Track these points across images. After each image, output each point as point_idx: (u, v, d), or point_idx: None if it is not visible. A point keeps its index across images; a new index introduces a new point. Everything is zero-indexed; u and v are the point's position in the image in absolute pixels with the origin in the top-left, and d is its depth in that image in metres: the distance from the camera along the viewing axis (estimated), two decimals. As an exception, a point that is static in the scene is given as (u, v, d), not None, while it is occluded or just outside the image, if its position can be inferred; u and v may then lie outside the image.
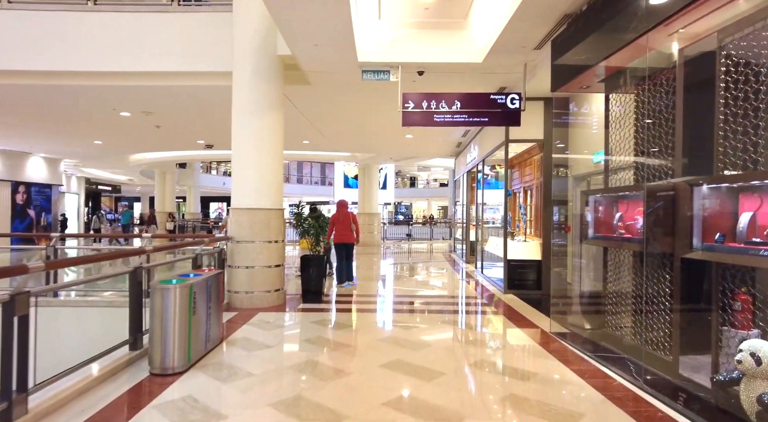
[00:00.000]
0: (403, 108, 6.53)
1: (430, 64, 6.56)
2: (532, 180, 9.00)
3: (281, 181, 7.03)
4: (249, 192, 6.67)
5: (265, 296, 6.63)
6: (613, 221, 4.68)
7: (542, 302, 7.21)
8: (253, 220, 6.61)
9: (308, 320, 5.84)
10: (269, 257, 6.70)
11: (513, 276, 7.96)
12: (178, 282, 3.94)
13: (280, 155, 7.01)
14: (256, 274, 6.61)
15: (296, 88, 7.86)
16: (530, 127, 7.90)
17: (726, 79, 3.30)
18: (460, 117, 6.55)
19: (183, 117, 10.42)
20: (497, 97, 6.55)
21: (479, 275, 10.19)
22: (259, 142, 6.70)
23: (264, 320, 5.80)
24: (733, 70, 3.25)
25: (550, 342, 4.93)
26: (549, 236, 7.85)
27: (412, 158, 18.65)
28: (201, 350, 4.22)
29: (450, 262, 13.31)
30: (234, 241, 6.63)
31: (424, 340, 4.91)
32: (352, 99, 8.62)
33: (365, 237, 18.65)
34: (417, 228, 28.24)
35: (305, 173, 43.17)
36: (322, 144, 13.97)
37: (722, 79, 3.33)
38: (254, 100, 6.66)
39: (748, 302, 3.61)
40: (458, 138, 12.79)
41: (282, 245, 6.99)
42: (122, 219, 20.66)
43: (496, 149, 8.67)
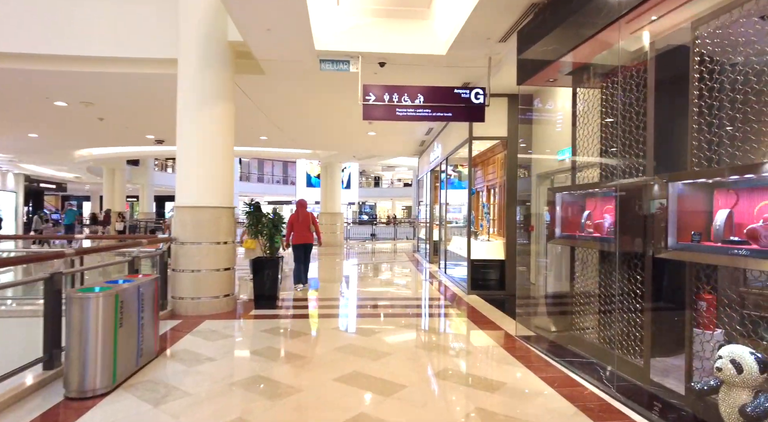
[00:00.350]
0: (363, 101, 6.17)
1: (392, 55, 6.23)
2: (496, 179, 8.85)
3: (231, 177, 6.52)
4: (195, 189, 6.13)
5: (213, 303, 6.11)
6: (580, 220, 4.50)
7: (506, 303, 7.02)
8: (199, 219, 6.07)
9: (259, 328, 5.38)
10: (217, 259, 6.18)
11: (476, 277, 7.76)
12: (102, 290, 3.42)
13: (231, 150, 6.50)
14: (203, 278, 6.08)
15: (250, 79, 7.36)
16: (494, 124, 7.73)
17: (701, 69, 3.13)
18: (423, 111, 6.26)
19: (128, 109, 9.65)
20: (461, 92, 6.30)
21: (443, 275, 9.97)
22: (207, 134, 6.17)
23: (210, 329, 5.30)
24: (708, 61, 3.08)
25: (516, 346, 4.69)
26: (513, 235, 7.69)
27: (376, 157, 18.33)
28: (131, 366, 3.71)
29: (413, 262, 13.06)
30: (178, 242, 6.07)
31: (385, 348, 4.57)
32: (310, 91, 8.18)
33: (328, 237, 18.19)
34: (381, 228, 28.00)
35: (266, 171, 42.08)
36: (281, 140, 13.41)
37: (696, 70, 3.15)
38: (201, 89, 6.12)
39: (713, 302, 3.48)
40: (422, 136, 12.56)
41: (232, 246, 6.49)
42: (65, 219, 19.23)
43: (460, 146, 8.46)
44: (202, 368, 3.96)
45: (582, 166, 5.98)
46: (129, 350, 3.67)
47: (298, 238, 7.82)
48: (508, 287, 7.68)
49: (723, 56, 2.99)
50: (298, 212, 7.92)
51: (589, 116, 4.82)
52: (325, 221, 18.35)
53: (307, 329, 5.42)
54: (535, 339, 4.98)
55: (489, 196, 9.53)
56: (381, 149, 15.30)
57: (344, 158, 18.00)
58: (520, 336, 5.06)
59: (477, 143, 8.14)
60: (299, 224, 7.83)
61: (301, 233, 7.82)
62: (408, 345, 4.73)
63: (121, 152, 17.56)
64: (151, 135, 13.02)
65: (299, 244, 7.85)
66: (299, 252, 7.90)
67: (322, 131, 11.85)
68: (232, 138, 6.50)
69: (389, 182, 46.49)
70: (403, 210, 46.32)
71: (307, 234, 7.86)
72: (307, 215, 7.96)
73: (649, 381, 3.53)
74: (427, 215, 13.49)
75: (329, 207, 18.36)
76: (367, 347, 4.57)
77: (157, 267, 5.99)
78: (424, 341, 5.00)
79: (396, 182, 46.26)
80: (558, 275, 5.51)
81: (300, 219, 7.84)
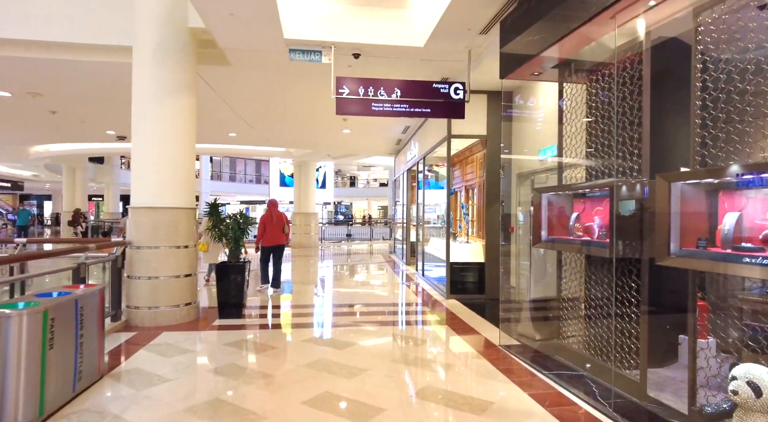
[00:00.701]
0: (336, 94, 5.77)
1: (367, 46, 5.84)
2: (474, 178, 8.58)
3: (192, 175, 6.01)
4: (152, 188, 5.60)
5: (173, 313, 5.60)
6: (568, 222, 4.22)
7: (486, 308, 6.75)
8: (156, 221, 5.56)
9: (223, 341, 4.92)
10: (177, 265, 5.67)
11: (455, 280, 7.46)
12: (28, 306, 2.92)
13: (192, 146, 5.99)
14: (161, 286, 5.56)
15: (214, 70, 6.85)
16: (473, 122, 7.45)
17: (704, 59, 2.86)
18: (400, 107, 5.90)
19: (83, 102, 8.97)
20: (440, 87, 5.97)
21: (420, 278, 9.65)
22: (166, 129, 5.65)
23: (167, 342, 4.80)
24: (713, 49, 2.82)
25: (500, 357, 4.38)
26: (493, 237, 7.42)
27: (351, 156, 17.90)
28: (66, 393, 3.22)
29: (390, 264, 12.71)
30: (133, 246, 5.54)
31: (361, 363, 4.18)
32: (281, 85, 7.72)
33: (302, 238, 17.70)
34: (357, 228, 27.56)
35: (239, 170, 41.03)
36: (251, 138, 12.85)
37: (699, 60, 2.89)
38: (160, 79, 5.60)
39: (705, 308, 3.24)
40: (398, 135, 12.22)
41: (194, 250, 5.98)
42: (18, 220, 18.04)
43: (438, 145, 8.14)
44: (152, 391, 3.49)
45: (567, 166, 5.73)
46: (63, 374, 3.17)
47: (270, 239, 7.51)
48: (488, 291, 7.41)
49: (730, 45, 2.73)
50: (271, 212, 7.58)
51: (576, 113, 4.55)
52: (299, 221, 17.82)
53: (276, 341, 4.98)
54: (520, 348, 4.69)
55: (467, 196, 9.25)
56: (356, 147, 14.89)
57: (319, 157, 17.51)
58: (504, 345, 4.75)
59: (456, 141, 7.85)
60: (272, 224, 7.51)
61: (274, 234, 7.52)
62: (385, 359, 4.35)
63: (82, 149, 16.58)
64: (111, 131, 12.26)
65: (270, 246, 7.55)
66: (268, 254, 7.60)
67: (294, 128, 11.36)
68: (193, 133, 5.99)
69: (365, 182, 46.08)
70: (379, 210, 46.02)
71: (279, 235, 7.57)
72: (281, 216, 7.66)
73: (647, 398, 3.26)
74: (404, 216, 13.17)
75: (303, 207, 17.84)
76: (341, 362, 4.18)
77: (111, 275, 5.46)
78: (403, 353, 4.64)
79: (372, 182, 45.89)
80: (542, 279, 5.24)
81: (273, 220, 7.52)
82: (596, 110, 4.11)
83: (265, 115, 9.92)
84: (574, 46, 4.05)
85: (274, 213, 7.59)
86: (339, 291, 8.48)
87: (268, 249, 7.59)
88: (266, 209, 7.72)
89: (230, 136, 12.54)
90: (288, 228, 7.77)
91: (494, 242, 7.41)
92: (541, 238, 4.37)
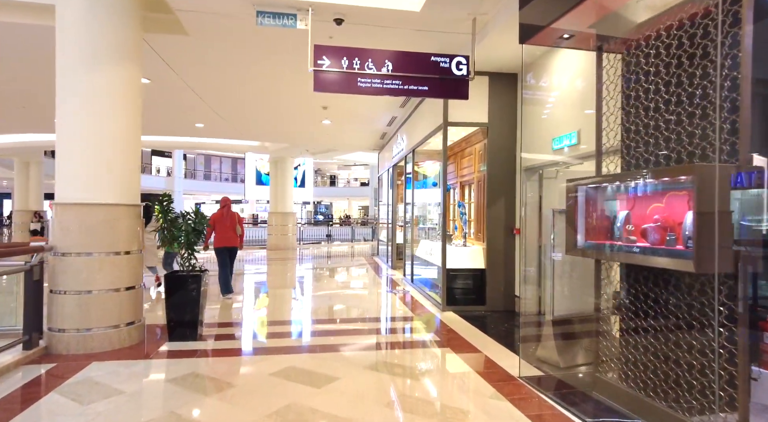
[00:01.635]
0: (315, 66, 4.73)
1: (352, 10, 4.82)
2: (472, 174, 7.64)
3: (137, 164, 4.89)
4: (83, 180, 4.48)
5: (109, 336, 4.48)
6: (609, 223, 3.30)
7: (489, 323, 5.81)
8: (88, 221, 4.43)
9: (169, 375, 3.83)
10: (116, 275, 4.56)
11: (452, 288, 6.50)
12: None
13: (136, 128, 4.87)
14: (95, 302, 4.44)
15: (169, 41, 5.73)
16: (473, 108, 6.51)
17: None
18: (392, 83, 4.91)
19: (15, 80, 7.70)
20: (440, 60, 5.00)
21: (409, 284, 8.66)
22: (100, 105, 4.52)
23: (93, 379, 3.69)
24: None
25: (525, 396, 3.42)
26: (495, 239, 6.49)
27: (332, 152, 16.81)
28: None
29: (374, 268, 11.70)
30: (57, 253, 4.40)
31: (345, 409, 3.17)
32: (248, 59, 6.62)
33: (278, 240, 16.54)
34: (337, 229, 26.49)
35: (214, 168, 39.48)
36: (221, 129, 11.66)
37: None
38: (91, 44, 4.48)
39: None
40: (383, 127, 11.22)
41: (138, 257, 4.87)
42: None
43: (432, 134, 7.17)
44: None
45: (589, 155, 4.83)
46: None
47: (221, 240, 7.00)
48: (490, 302, 6.47)
49: None
50: (222, 211, 7.09)
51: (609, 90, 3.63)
52: (275, 221, 16.66)
53: (236, 375, 3.91)
54: (545, 380, 3.75)
55: (462, 194, 8.31)
56: (337, 142, 13.83)
57: (296, 153, 16.38)
58: (525, 376, 3.80)
59: (451, 132, 6.88)
60: (222, 224, 6.99)
61: (225, 234, 7.00)
62: (378, 404, 3.34)
63: (34, 141, 15.05)
64: (61, 120, 10.90)
65: (222, 247, 7.02)
66: (224, 257, 7.04)
67: (268, 117, 10.23)
68: (137, 112, 4.87)
69: (345, 181, 44.97)
70: (360, 210, 44.99)
71: (231, 236, 7.06)
72: (233, 215, 7.16)
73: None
74: (389, 216, 12.18)
75: (280, 206, 16.68)
76: (319, 408, 3.15)
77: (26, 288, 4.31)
78: (400, 392, 3.62)
79: (353, 181, 44.81)
80: (569, 291, 4.31)
81: (224, 219, 7.03)
82: (647, 81, 3.18)
83: (233, 99, 8.78)
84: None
85: (225, 213, 7.07)
86: (318, 303, 7.43)
87: (222, 251, 7.00)
88: (219, 207, 7.18)
89: (197, 127, 11.33)
90: (241, 229, 7.25)
91: (497, 246, 6.49)
92: (576, 243, 3.43)
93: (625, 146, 3.46)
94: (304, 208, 40.14)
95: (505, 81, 6.51)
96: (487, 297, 6.48)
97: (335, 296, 7.94)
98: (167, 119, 10.62)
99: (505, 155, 6.52)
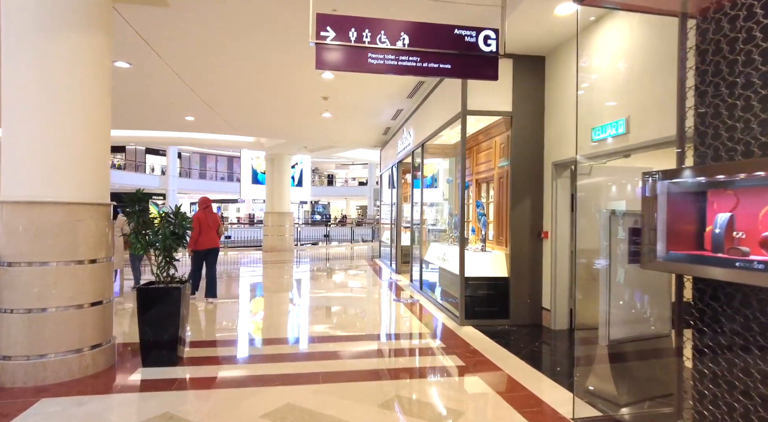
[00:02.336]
0: (317, 38, 3.95)
1: (363, -28, 4.06)
2: (491, 170, 6.88)
3: (106, 154, 4.10)
4: (34, 171, 3.70)
5: (69, 363, 3.70)
6: (695, 229, 2.55)
7: (516, 340, 5.07)
8: (41, 223, 3.65)
9: (135, 418, 3.05)
10: (79, 289, 3.78)
11: (471, 298, 5.73)
12: None
13: (105, 109, 4.08)
14: (50, 322, 3.66)
15: (145, 13, 4.94)
16: (495, 95, 5.77)
17: None
18: (409, 60, 4.13)
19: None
20: (465, 34, 4.22)
21: (417, 292, 7.90)
22: (58, 79, 3.74)
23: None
24: None
25: (588, 450, 2.66)
26: (520, 244, 5.74)
27: (331, 148, 16.01)
28: None
29: (376, 272, 10.93)
30: (2, 263, 3.62)
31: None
32: (237, 36, 5.84)
33: (274, 241, 15.76)
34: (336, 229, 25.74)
35: (209, 167, 38.67)
36: (213, 123, 10.85)
37: None
38: (48, 3, 3.69)
39: None
40: (387, 121, 10.45)
41: (107, 266, 4.08)
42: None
43: (446, 125, 6.41)
44: None
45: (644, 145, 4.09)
46: None
47: (205, 242, 6.69)
48: (514, 315, 5.72)
49: None
50: (204, 211, 6.80)
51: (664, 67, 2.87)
52: (271, 222, 15.86)
53: (219, 418, 3.13)
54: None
55: (478, 193, 7.55)
56: (337, 137, 13.04)
57: (293, 150, 15.58)
58: (581, 419, 3.04)
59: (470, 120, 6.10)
60: (207, 225, 6.71)
61: (209, 236, 6.74)
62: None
63: None
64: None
65: (204, 249, 6.70)
66: (202, 260, 6.76)
67: (263, 108, 9.44)
68: (106, 91, 4.08)
69: (343, 181, 44.22)
70: (358, 210, 44.24)
71: (214, 237, 6.83)
72: (215, 216, 6.93)
73: None
74: (393, 216, 11.40)
75: (276, 206, 15.88)
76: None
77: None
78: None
79: (351, 181, 44.06)
80: (625, 307, 3.55)
81: (207, 220, 6.73)
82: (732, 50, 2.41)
83: (223, 86, 7.98)
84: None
85: (207, 214, 6.79)
86: (318, 316, 6.65)
87: (201, 254, 6.70)
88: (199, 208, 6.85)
89: (188, 120, 10.53)
90: (222, 230, 7.12)
91: (522, 251, 5.73)
92: (656, 254, 2.66)
93: (699, 134, 2.72)
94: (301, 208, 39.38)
95: (531, 65, 5.76)
96: (511, 310, 5.72)
97: (338, 307, 7.16)
98: (154, 111, 9.81)
99: (531, 148, 5.76)
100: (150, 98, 8.66)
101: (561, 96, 5.45)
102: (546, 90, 5.77)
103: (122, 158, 33.27)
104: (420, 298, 7.42)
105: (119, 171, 30.64)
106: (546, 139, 5.75)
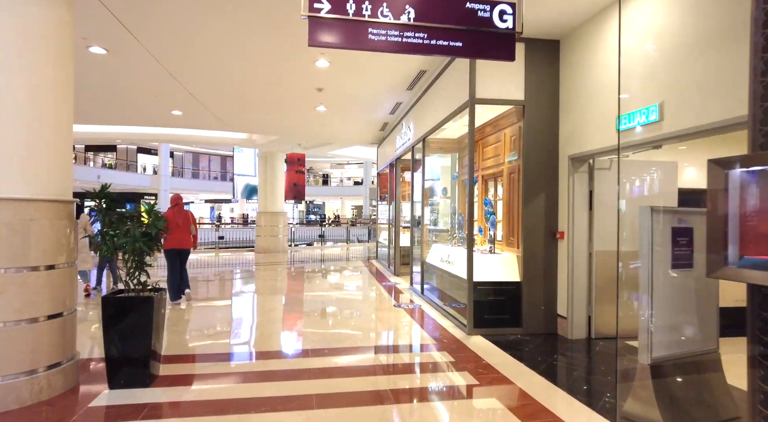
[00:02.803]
0: (310, 11, 3.43)
1: (362, -65, 3.53)
2: (499, 165, 6.38)
3: (68, 145, 3.56)
4: (-23, 165, 3.15)
5: (18, 387, 3.16)
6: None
7: (530, 352, 4.57)
8: (-18, 225, 3.10)
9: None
10: (31, 299, 3.24)
11: (480, 305, 5.23)
12: None
13: (66, 91, 3.54)
14: (-6, 340, 3.11)
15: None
16: (506, 82, 5.29)
17: None
18: (415, 36, 3.62)
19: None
20: (478, 7, 3.72)
21: (419, 296, 7.39)
22: (5, 52, 3.20)
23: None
24: None
25: None
26: (533, 245, 5.25)
27: (326, 145, 15.49)
28: None
29: (374, 274, 10.42)
30: (-63, 271, 3.07)
31: None
32: (220, 15, 5.31)
33: (268, 242, 15.22)
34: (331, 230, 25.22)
35: (202, 166, 38.01)
36: (202, 118, 10.29)
37: None
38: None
39: None
40: (384, 116, 9.94)
41: (69, 271, 3.54)
42: None
43: (451, 117, 5.91)
44: None
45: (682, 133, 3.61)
46: None
47: (174, 241, 6.40)
48: (527, 323, 5.22)
49: None
50: (173, 210, 6.50)
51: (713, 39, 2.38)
52: (264, 221, 15.31)
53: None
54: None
55: (485, 189, 7.05)
56: (333, 133, 12.51)
57: (287, 147, 15.04)
58: (626, 456, 2.54)
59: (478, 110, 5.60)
60: (175, 224, 6.38)
61: (178, 235, 6.45)
62: None
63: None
64: None
65: (174, 249, 6.46)
66: (175, 259, 6.51)
67: (254, 100, 8.89)
68: (67, 74, 3.54)
69: (338, 181, 43.67)
70: (353, 209, 43.71)
71: (185, 237, 6.55)
72: (187, 214, 6.63)
73: None
74: (391, 215, 10.90)
75: (270, 205, 15.32)
76: None
77: None
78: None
79: (346, 180, 43.53)
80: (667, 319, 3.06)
81: (176, 218, 6.43)
82: None
83: (211, 79, 7.43)
84: None
85: (179, 212, 6.51)
86: (312, 321, 6.13)
87: (173, 253, 6.45)
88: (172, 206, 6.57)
89: (174, 114, 9.96)
90: (195, 229, 6.77)
91: (535, 253, 5.24)
92: (727, 259, 2.17)
93: (757, 116, 2.23)
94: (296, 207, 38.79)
95: (545, 49, 5.27)
96: (524, 318, 5.22)
97: (333, 314, 6.64)
98: (139, 105, 9.24)
99: (545, 140, 5.27)
100: (132, 90, 8.10)
101: (578, 83, 4.96)
102: (561, 77, 5.29)
103: (113, 158, 32.58)
104: (421, 303, 6.91)
105: (110, 170, 29.97)
106: (561, 131, 5.26)
